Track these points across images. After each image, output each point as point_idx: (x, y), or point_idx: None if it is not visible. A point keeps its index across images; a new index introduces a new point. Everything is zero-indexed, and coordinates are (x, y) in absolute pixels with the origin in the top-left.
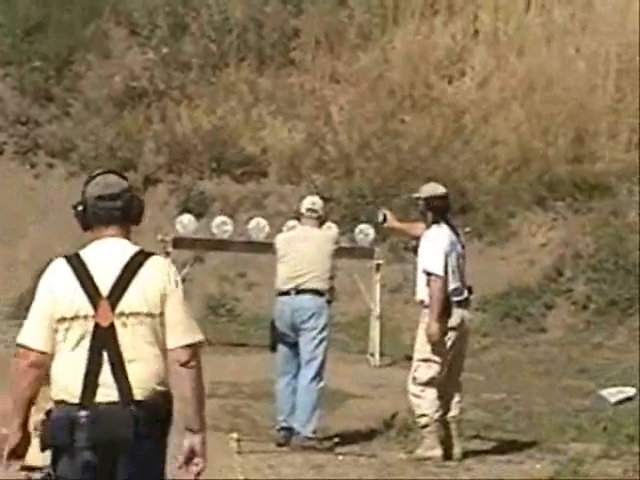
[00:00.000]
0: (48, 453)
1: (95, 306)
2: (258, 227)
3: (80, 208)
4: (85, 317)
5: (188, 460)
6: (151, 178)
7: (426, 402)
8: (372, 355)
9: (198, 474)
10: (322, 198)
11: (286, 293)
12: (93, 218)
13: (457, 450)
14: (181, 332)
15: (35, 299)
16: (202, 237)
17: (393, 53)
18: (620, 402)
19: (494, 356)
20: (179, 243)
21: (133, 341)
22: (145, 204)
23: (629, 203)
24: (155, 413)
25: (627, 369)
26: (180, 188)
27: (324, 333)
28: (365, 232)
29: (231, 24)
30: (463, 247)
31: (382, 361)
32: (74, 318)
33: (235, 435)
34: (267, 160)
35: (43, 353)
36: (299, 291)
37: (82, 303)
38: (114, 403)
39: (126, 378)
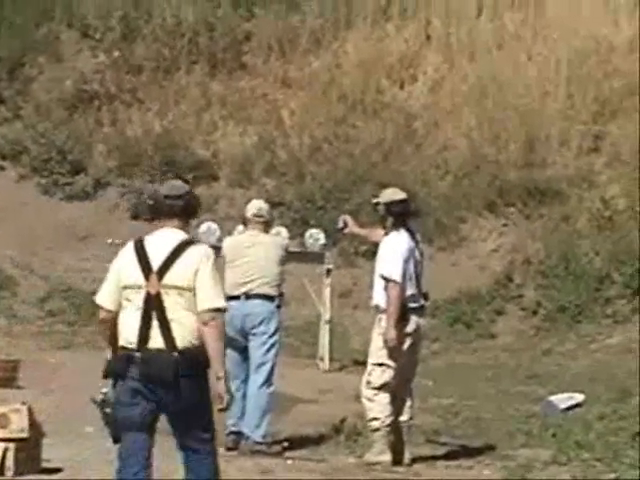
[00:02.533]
0: None
1: (147, 278)
2: (209, 231)
3: (152, 203)
4: (139, 287)
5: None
6: (101, 181)
7: (378, 406)
8: (321, 360)
9: (223, 409)
10: (272, 202)
11: (236, 298)
12: (160, 211)
13: (406, 455)
14: (205, 299)
15: (109, 270)
16: None
17: (345, 58)
18: (569, 408)
19: (443, 361)
20: None
21: (174, 306)
22: (201, 203)
23: (579, 209)
24: (192, 360)
25: (576, 375)
26: (131, 191)
27: (274, 338)
28: (315, 237)
29: (183, 28)
30: (421, 254)
31: (331, 366)
32: (132, 287)
33: None
34: (218, 164)
35: (109, 311)
36: (249, 296)
37: (138, 276)
38: (161, 350)
39: (170, 332)
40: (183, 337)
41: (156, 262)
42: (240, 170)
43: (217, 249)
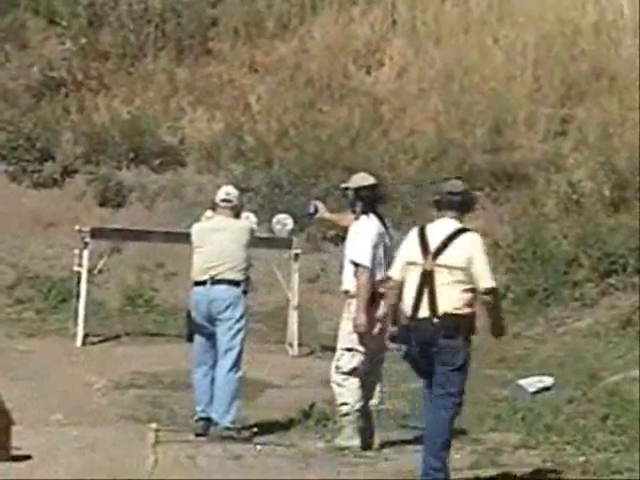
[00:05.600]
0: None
1: (425, 257)
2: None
3: (437, 198)
4: (417, 264)
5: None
6: (69, 168)
7: (348, 391)
8: (290, 345)
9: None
10: (240, 188)
11: (202, 283)
12: (442, 204)
13: (376, 440)
14: (483, 280)
15: (400, 248)
16: (120, 227)
17: (312, 43)
18: (538, 392)
19: None
20: (97, 233)
21: (442, 282)
22: (476, 199)
23: (547, 193)
24: (451, 323)
25: (545, 359)
26: (98, 178)
27: (241, 323)
28: (283, 222)
29: (150, 14)
30: (391, 239)
31: (300, 351)
32: (413, 264)
33: (153, 425)
34: (185, 150)
35: (395, 280)
36: (215, 281)
37: (418, 255)
38: (426, 318)
39: (435, 304)
40: (445, 306)
41: (433, 245)
42: (207, 156)
43: (184, 235)
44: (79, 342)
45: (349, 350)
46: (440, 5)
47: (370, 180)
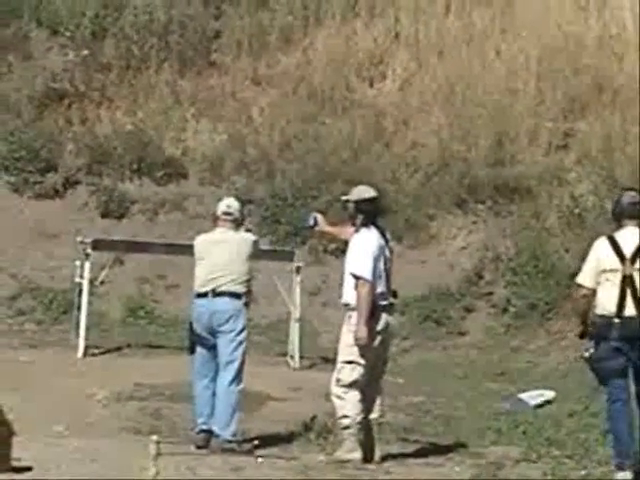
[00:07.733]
0: None
1: (622, 263)
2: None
3: (617, 209)
4: (616, 270)
5: None
6: (71, 179)
7: (349, 404)
8: (292, 357)
9: None
10: (242, 200)
11: (204, 295)
12: (624, 215)
13: (377, 453)
14: None
15: (588, 258)
16: (122, 239)
17: (314, 55)
18: (540, 405)
19: (413, 359)
20: (99, 245)
21: None
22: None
23: (549, 206)
24: None
25: (546, 372)
26: (100, 190)
27: (242, 335)
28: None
29: (153, 26)
30: (391, 252)
31: (301, 363)
32: (610, 270)
33: (154, 437)
34: (188, 162)
35: (589, 289)
36: (217, 294)
37: (615, 262)
38: (633, 317)
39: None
40: None
41: (628, 251)
42: (210, 168)
43: (186, 247)
44: (80, 353)
45: (350, 363)
46: (443, 18)
47: (371, 193)
